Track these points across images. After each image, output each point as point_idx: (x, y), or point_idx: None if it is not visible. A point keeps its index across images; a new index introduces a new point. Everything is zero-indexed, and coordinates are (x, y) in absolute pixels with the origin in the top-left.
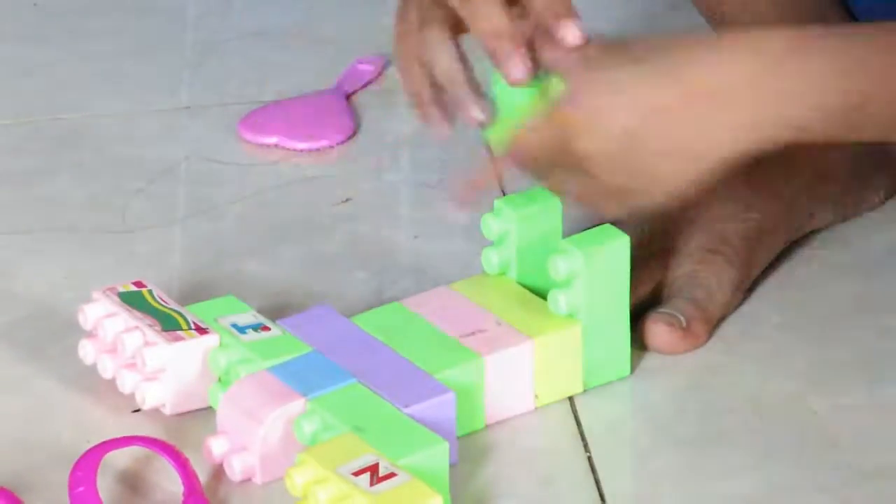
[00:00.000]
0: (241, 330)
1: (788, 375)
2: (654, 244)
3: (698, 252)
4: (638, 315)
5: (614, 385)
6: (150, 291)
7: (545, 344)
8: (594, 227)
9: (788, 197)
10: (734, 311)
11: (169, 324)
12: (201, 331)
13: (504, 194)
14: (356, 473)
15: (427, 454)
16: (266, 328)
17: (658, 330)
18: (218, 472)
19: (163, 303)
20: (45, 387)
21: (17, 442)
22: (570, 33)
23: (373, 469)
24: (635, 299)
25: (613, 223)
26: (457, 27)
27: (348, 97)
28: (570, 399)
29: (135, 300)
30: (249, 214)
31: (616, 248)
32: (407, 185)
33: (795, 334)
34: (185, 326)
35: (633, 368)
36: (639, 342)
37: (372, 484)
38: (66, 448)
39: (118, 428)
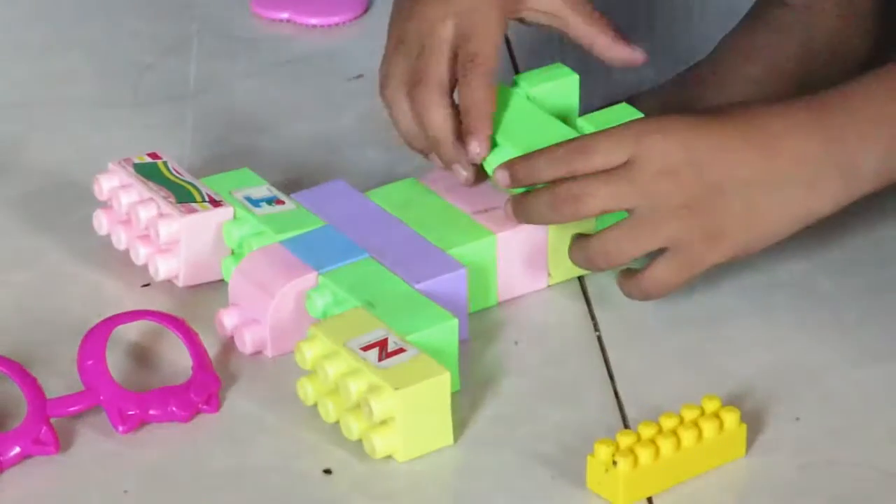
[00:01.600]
0: (256, 203)
1: (798, 255)
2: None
3: None
4: None
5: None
6: (164, 163)
7: None
8: (610, 105)
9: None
10: None
11: (183, 196)
12: (215, 203)
13: (517, 71)
14: (365, 348)
15: (436, 330)
16: (280, 202)
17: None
18: (229, 346)
19: (177, 175)
20: (55, 259)
21: (28, 315)
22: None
23: (382, 344)
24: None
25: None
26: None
27: None
28: (581, 279)
29: (150, 171)
30: (261, 90)
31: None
32: None
33: None
34: (199, 199)
35: None
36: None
37: (380, 359)
38: (76, 321)
39: (130, 302)
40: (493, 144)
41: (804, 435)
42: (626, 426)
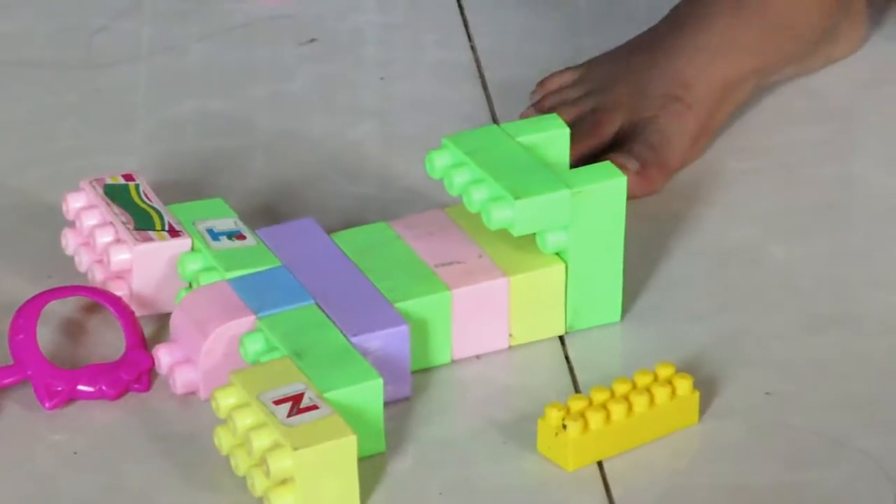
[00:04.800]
0: (215, 236)
1: (750, 222)
2: (620, 87)
3: (660, 98)
4: (598, 159)
5: None
6: (136, 186)
7: (523, 282)
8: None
9: (756, 49)
10: (697, 158)
11: (143, 222)
12: (174, 233)
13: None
14: (277, 402)
15: (359, 388)
16: (242, 237)
17: None
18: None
19: (146, 200)
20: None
21: None
22: None
23: (296, 399)
24: (598, 142)
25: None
26: None
27: None
28: None
29: (118, 194)
30: (214, 53)
31: (612, 188)
32: (373, 26)
33: (757, 181)
34: (158, 227)
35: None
36: None
37: (290, 415)
38: (8, 296)
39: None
40: (480, 180)
41: (756, 401)
42: (577, 391)
